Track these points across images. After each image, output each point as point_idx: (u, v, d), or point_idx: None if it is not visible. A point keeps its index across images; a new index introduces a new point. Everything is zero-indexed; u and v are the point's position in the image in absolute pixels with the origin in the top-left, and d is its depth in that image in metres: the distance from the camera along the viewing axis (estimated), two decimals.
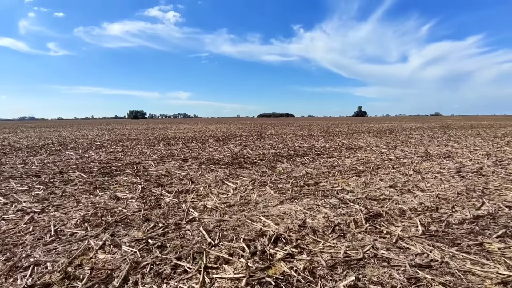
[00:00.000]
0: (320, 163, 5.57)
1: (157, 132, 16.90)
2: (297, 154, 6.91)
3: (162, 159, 6.21)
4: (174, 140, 11.09)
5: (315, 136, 12.95)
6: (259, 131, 17.17)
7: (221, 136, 13.36)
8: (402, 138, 11.04)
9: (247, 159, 6.21)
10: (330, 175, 4.47)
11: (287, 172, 4.79)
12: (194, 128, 21.99)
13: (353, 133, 14.46)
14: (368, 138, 11.29)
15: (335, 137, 12.26)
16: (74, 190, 3.69)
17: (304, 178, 4.29)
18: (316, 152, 7.14)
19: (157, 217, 2.68)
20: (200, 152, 7.43)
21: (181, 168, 5.20)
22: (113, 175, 4.64)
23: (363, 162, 5.66)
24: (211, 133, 15.45)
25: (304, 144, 9.32)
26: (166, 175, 4.57)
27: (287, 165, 5.45)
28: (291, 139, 11.35)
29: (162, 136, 13.47)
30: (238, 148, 8.29)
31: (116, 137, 13.32)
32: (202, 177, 4.43)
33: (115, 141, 10.90)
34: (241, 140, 11.10)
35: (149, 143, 10.12)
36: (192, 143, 10.02)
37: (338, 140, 10.50)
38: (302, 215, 2.70)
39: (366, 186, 3.76)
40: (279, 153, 7.13)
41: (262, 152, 7.26)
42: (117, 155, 7.00)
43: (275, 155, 6.70)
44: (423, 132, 14.48)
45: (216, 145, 9.24)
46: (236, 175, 4.57)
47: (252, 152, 7.29)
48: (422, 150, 7.29)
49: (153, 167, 5.31)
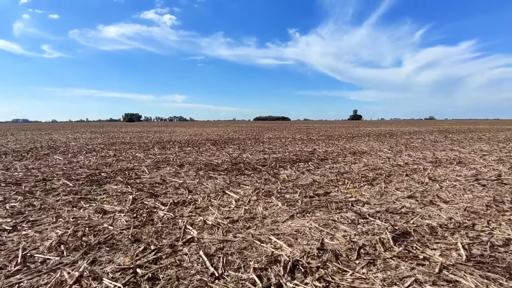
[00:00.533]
0: (326, 170, 5.21)
1: (152, 136, 16.44)
2: (299, 159, 6.55)
3: (156, 165, 5.79)
4: (169, 144, 10.66)
5: (314, 140, 12.62)
6: (257, 135, 16.80)
7: (218, 139, 12.97)
8: (404, 142, 10.75)
9: (247, 164, 5.82)
10: (339, 183, 4.11)
11: (292, 179, 4.41)
12: (190, 131, 21.55)
13: (353, 137, 14.16)
14: (369, 142, 10.98)
15: (335, 141, 11.94)
16: (55, 201, 3.27)
17: (312, 187, 3.92)
18: (320, 157, 6.78)
19: (149, 236, 2.28)
20: (197, 157, 7.03)
21: (177, 175, 4.79)
22: (101, 183, 4.21)
23: (372, 168, 5.31)
24: (207, 137, 15.04)
25: (305, 148, 8.97)
26: (161, 183, 4.16)
27: (291, 171, 5.07)
28: (291, 143, 11.00)
29: (157, 140, 13.03)
30: (237, 152, 7.91)
31: (109, 140, 12.85)
32: (200, 185, 4.03)
33: (108, 145, 10.44)
34: (239, 144, 10.71)
35: (143, 147, 9.69)
36: (188, 147, 9.61)
37: (339, 144, 10.17)
38: (318, 234, 2.32)
39: (383, 197, 3.40)
40: (281, 158, 6.76)
41: (262, 157, 6.88)
42: (108, 160, 6.56)
43: (277, 160, 6.33)
44: (423, 136, 14.24)
45: (214, 149, 8.84)
46: (237, 183, 4.18)
47: (252, 157, 6.91)
48: (430, 155, 6.98)
49: (147, 174, 4.90)
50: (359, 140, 12.28)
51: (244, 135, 16.10)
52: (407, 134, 16.88)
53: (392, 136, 14.51)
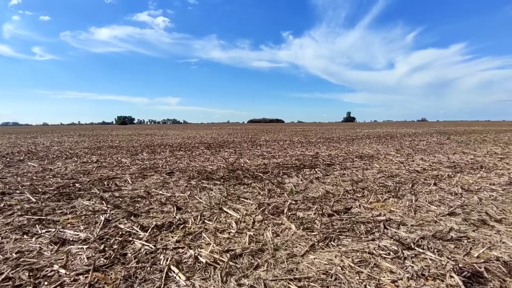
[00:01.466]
0: (336, 177, 4.56)
1: (143, 139, 15.64)
2: (303, 164, 5.89)
3: (142, 173, 5.07)
4: (160, 148, 9.92)
5: (314, 142, 12.01)
6: (253, 137, 16.14)
7: (213, 142, 12.26)
8: (409, 145, 10.20)
9: (246, 171, 5.14)
10: (358, 195, 3.46)
11: (301, 190, 3.75)
12: (183, 134, 20.77)
13: (353, 139, 13.60)
14: (372, 145, 10.40)
15: (335, 143, 11.34)
16: (4, 225, 2.54)
17: (328, 200, 3.26)
18: (325, 162, 6.13)
19: (115, 287, 1.59)
20: (189, 162, 6.32)
21: (165, 185, 4.08)
22: (72, 197, 3.49)
23: (388, 175, 4.69)
24: (201, 140, 14.31)
25: (307, 152, 8.33)
26: (144, 197, 3.45)
27: (298, 180, 4.41)
28: (290, 146, 10.36)
29: (148, 143, 12.26)
30: (233, 157, 7.22)
31: (96, 144, 12.03)
32: (192, 199, 3.34)
33: (93, 149, 9.65)
34: (235, 147, 10.02)
35: (132, 151, 8.93)
36: (180, 151, 8.88)
37: (341, 147, 9.56)
38: (357, 278, 1.65)
39: (417, 214, 2.76)
40: (283, 163, 6.09)
41: (262, 163, 6.20)
42: (89, 166, 5.81)
43: (279, 166, 5.66)
44: (425, 138, 13.75)
45: (208, 153, 8.14)
46: (236, 196, 3.49)
47: (251, 163, 6.23)
48: (444, 159, 6.39)
49: (129, 184, 4.17)
50: (361, 142, 11.71)
51: (239, 138, 15.41)
52: (407, 135, 16.41)
53: (393, 138, 13.99)
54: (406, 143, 10.92)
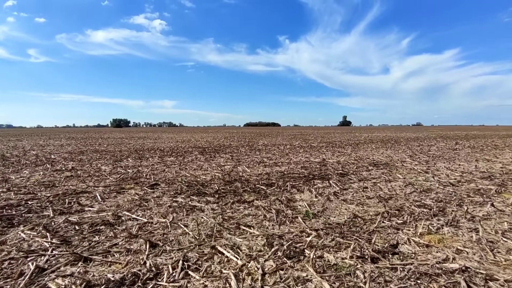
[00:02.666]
0: (357, 192, 3.71)
1: (134, 142, 14.69)
2: (312, 174, 5.04)
3: (119, 185, 4.17)
4: (149, 153, 9.00)
5: (316, 147, 11.17)
6: (250, 141, 15.27)
7: (208, 147, 11.36)
8: (419, 150, 9.41)
9: (246, 183, 4.27)
10: (397, 220, 2.60)
11: (318, 212, 2.89)
12: (178, 137, 19.83)
13: (357, 144, 12.80)
14: (380, 150, 9.60)
15: (340, 148, 10.52)
16: None
17: (359, 229, 2.40)
18: (337, 171, 5.29)
19: None
20: (179, 171, 5.43)
21: (143, 204, 3.19)
22: (14, 223, 2.58)
23: (420, 189, 3.84)
24: (196, 143, 13.40)
25: (312, 158, 7.48)
26: (110, 224, 2.56)
27: (311, 196, 3.55)
28: (291, 151, 9.50)
29: (138, 147, 11.33)
30: (230, 164, 6.34)
31: (81, 148, 11.06)
32: (174, 228, 2.45)
33: (75, 154, 8.70)
34: (232, 152, 9.14)
35: (117, 156, 8.00)
36: (171, 156, 7.98)
37: (348, 153, 8.73)
38: None
39: (497, 255, 1.91)
40: (288, 172, 5.23)
41: (263, 171, 5.34)
42: (58, 176, 4.89)
43: (284, 176, 4.80)
44: (431, 143, 13.01)
45: (202, 159, 7.24)
46: (235, 222, 2.62)
47: (251, 171, 5.35)
48: (471, 168, 5.59)
49: (97, 202, 3.27)
50: (366, 147, 10.90)
51: (236, 142, 14.54)
52: (410, 140, 15.68)
53: (398, 143, 13.23)
54: (415, 148, 10.14)
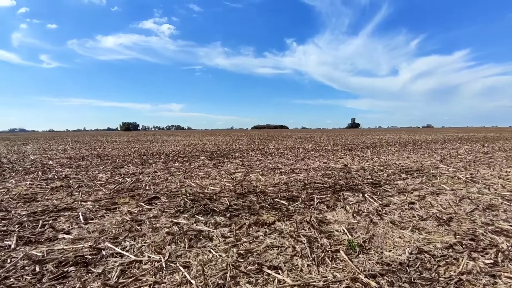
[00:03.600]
0: (404, 210, 2.97)
1: (140, 146, 14.18)
2: (338, 184, 4.31)
3: (112, 199, 3.53)
4: (154, 157, 8.40)
5: (331, 151, 10.40)
6: (260, 144, 14.59)
7: (216, 151, 10.71)
8: (448, 154, 8.55)
9: (262, 196, 3.58)
10: (484, 260, 1.87)
11: (365, 242, 2.17)
12: (185, 141, 19.30)
13: (374, 147, 11.98)
14: (403, 154, 8.79)
15: (357, 152, 9.73)
16: None
17: (434, 275, 1.69)
18: (367, 180, 4.55)
19: None
20: (184, 179, 4.77)
21: (134, 228, 2.52)
22: None
23: (481, 206, 3.09)
24: (203, 147, 12.78)
25: (331, 163, 6.75)
26: (84, 264, 1.90)
27: (346, 215, 2.83)
28: (306, 155, 8.77)
29: (143, 151, 10.77)
30: (241, 171, 5.66)
31: (83, 152, 10.56)
32: (171, 272, 1.77)
33: (76, 159, 8.17)
34: (242, 156, 8.47)
35: (118, 162, 7.42)
36: (177, 161, 7.35)
37: (369, 157, 7.96)
38: None
39: None
40: (309, 181, 4.52)
41: (280, 180, 4.63)
42: (45, 187, 4.30)
43: (306, 187, 4.09)
44: (455, 145, 12.08)
45: (209, 165, 6.59)
46: (256, 260, 1.92)
47: (266, 180, 4.66)
48: None
49: (77, 226, 2.62)
50: (386, 150, 10.07)
51: (245, 145, 13.87)
52: (429, 142, 14.74)
53: (418, 146, 12.34)
54: (441, 152, 9.27)
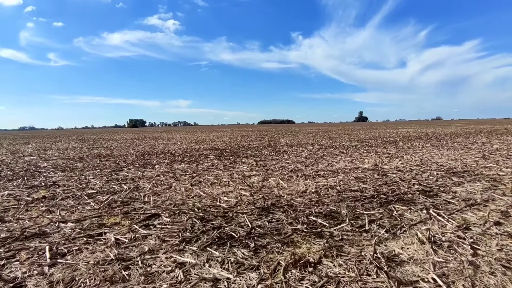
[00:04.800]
0: (495, 235, 2.15)
1: (145, 144, 13.52)
2: (383, 193, 3.48)
3: (99, 217, 2.78)
4: (158, 157, 7.68)
5: (349, 147, 9.52)
6: (270, 140, 13.78)
7: (225, 148, 9.95)
8: (487, 149, 7.60)
9: (291, 211, 2.79)
10: None
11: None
12: (192, 137, 18.60)
13: (395, 142, 11.04)
14: (432, 150, 7.87)
15: (379, 148, 8.83)
16: None
17: None
18: (413, 186, 3.71)
19: None
20: (191, 187, 4.01)
21: (117, 275, 1.76)
22: None
23: None
24: (211, 144, 12.04)
25: (358, 163, 5.90)
26: None
27: (419, 246, 2.02)
28: (324, 153, 7.92)
29: (147, 149, 10.08)
30: (257, 173, 4.87)
31: (84, 152, 9.92)
32: None
33: (73, 160, 7.50)
34: (255, 155, 7.68)
35: (119, 163, 6.71)
36: (183, 162, 6.60)
37: (396, 155, 7.07)
38: None
39: None
40: (342, 188, 3.70)
41: (307, 187, 3.82)
42: (21, 199, 3.58)
43: (342, 197, 3.28)
44: (482, 139, 11.05)
45: (219, 166, 5.81)
46: None
47: (289, 187, 3.86)
48: None
49: (38, 267, 1.87)
50: (410, 146, 9.13)
51: (255, 142, 13.07)
52: (452, 136, 13.70)
53: (442, 140, 11.35)
54: (473, 147, 8.31)
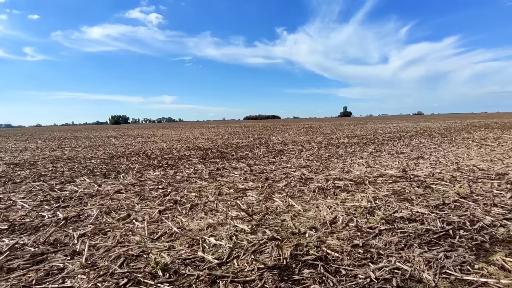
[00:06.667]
0: None
1: (121, 142, 11.96)
2: (458, 225, 2.31)
3: None
4: (129, 160, 6.27)
5: (350, 145, 8.41)
6: (260, 137, 12.54)
7: (211, 148, 8.60)
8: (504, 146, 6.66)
9: (331, 277, 1.56)
10: None
11: None
12: (175, 135, 17.08)
13: (399, 138, 10.05)
14: (448, 147, 6.87)
15: (384, 146, 7.77)
16: None
17: None
18: (493, 211, 2.57)
19: None
20: (159, 216, 2.70)
21: None
22: None
23: None
24: (195, 142, 10.65)
25: (378, 167, 4.75)
26: None
27: None
28: (327, 152, 6.74)
29: (120, 150, 8.59)
30: (254, 185, 3.61)
31: (44, 154, 8.33)
32: None
33: (22, 166, 5.98)
34: (246, 156, 6.40)
35: (77, 169, 5.27)
36: (158, 167, 5.24)
37: (416, 154, 6.00)
38: None
39: None
40: (387, 214, 2.50)
41: (336, 213, 2.60)
42: None
43: (394, 232, 2.08)
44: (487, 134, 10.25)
45: (204, 174, 4.50)
46: None
47: (307, 213, 2.62)
48: None
49: None
50: (417, 142, 8.12)
51: (244, 139, 11.78)
52: (451, 132, 12.94)
53: (446, 136, 10.47)
54: (488, 143, 7.38)
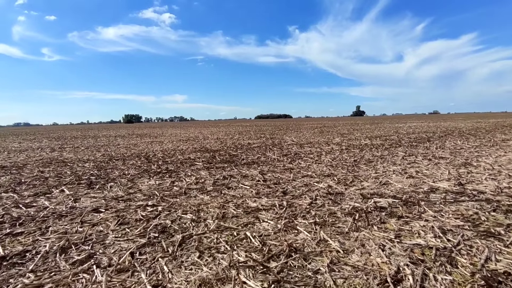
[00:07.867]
0: None
1: (126, 142, 11.31)
2: None
3: None
4: (126, 165, 5.49)
5: (371, 146, 7.38)
6: (273, 137, 11.63)
7: (219, 149, 7.76)
8: None
9: None
10: None
11: None
12: (183, 134, 16.37)
13: (428, 139, 8.92)
14: (494, 151, 5.78)
15: (414, 148, 6.70)
16: None
17: None
18: None
19: None
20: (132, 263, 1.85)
21: None
22: None
23: None
24: (203, 143, 9.83)
25: (421, 176, 3.77)
26: None
27: None
28: (350, 155, 5.76)
29: (121, 151, 7.87)
30: (268, 205, 2.73)
31: (38, 156, 7.71)
32: None
33: (7, 170, 5.31)
34: (258, 161, 5.51)
35: (63, 175, 4.52)
36: (156, 173, 4.43)
37: (459, 160, 4.96)
38: None
39: None
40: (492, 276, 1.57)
41: (397, 262, 1.69)
42: None
43: None
44: None
45: (207, 185, 3.63)
46: None
47: (352, 260, 1.71)
48: None
49: None
50: (452, 144, 7.00)
51: (255, 139, 10.89)
52: (483, 132, 11.65)
53: (479, 137, 9.26)
54: None
